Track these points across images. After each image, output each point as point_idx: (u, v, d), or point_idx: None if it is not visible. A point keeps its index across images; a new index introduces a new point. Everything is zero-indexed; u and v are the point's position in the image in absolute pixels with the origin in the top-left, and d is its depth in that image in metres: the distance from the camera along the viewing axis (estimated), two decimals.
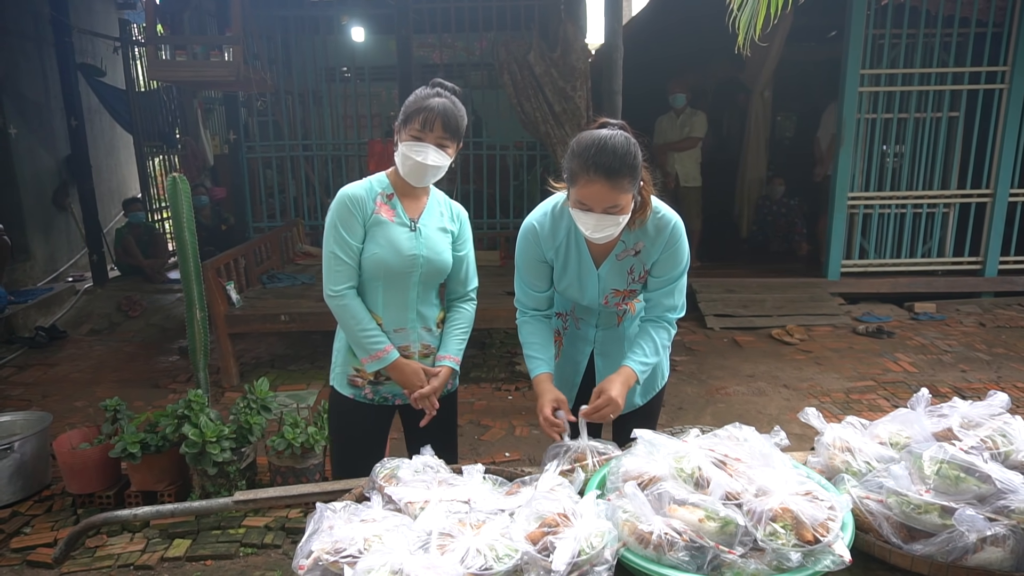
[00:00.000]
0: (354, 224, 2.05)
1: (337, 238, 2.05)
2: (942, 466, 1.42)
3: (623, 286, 2.04)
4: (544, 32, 6.37)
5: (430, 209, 2.18)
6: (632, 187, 1.81)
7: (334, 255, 2.05)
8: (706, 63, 8.46)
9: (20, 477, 3.47)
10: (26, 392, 4.99)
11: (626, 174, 1.77)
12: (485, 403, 4.62)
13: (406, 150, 2.02)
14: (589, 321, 2.19)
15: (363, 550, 1.35)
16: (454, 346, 2.25)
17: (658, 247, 1.98)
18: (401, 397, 2.25)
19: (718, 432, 1.61)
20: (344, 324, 2.11)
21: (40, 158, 7.59)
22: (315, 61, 7.19)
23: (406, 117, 2.03)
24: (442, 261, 2.16)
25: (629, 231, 1.96)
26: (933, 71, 6.24)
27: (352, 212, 2.05)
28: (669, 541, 1.32)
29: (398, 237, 2.09)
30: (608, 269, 2.02)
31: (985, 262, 6.54)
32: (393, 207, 2.11)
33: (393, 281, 2.10)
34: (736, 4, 2.52)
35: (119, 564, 3.00)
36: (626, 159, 1.77)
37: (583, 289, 2.07)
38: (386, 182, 2.14)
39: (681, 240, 2.00)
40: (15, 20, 7.25)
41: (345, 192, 2.08)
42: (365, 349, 2.08)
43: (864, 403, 4.46)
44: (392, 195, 2.12)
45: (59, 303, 6.80)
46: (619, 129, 1.82)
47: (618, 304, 2.10)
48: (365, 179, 2.14)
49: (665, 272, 2.03)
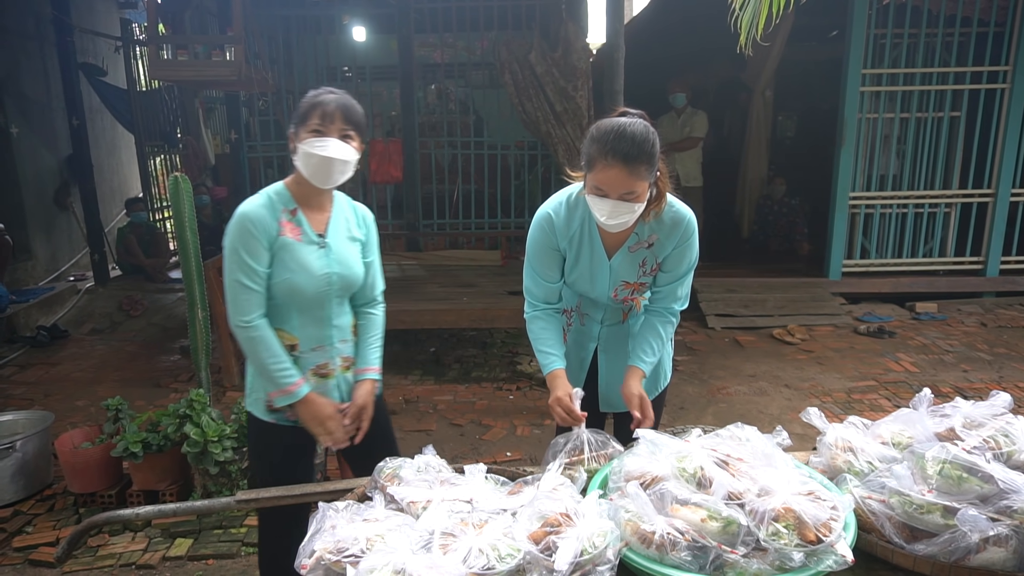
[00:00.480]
0: (258, 248, 1.90)
1: (241, 265, 1.89)
2: (944, 466, 1.42)
3: (634, 278, 2.05)
4: (545, 32, 6.37)
5: (336, 219, 2.06)
6: (649, 175, 1.82)
7: (239, 283, 1.90)
8: (707, 63, 8.46)
9: (22, 476, 3.47)
10: (28, 391, 4.99)
11: (643, 161, 1.79)
12: (486, 403, 4.62)
13: (307, 147, 1.90)
14: (595, 317, 2.19)
15: (366, 550, 1.35)
16: (373, 356, 2.15)
17: (672, 241, 2.00)
18: None
19: (720, 432, 1.61)
20: (254, 355, 1.95)
21: (42, 157, 7.59)
22: (316, 61, 7.19)
23: (301, 117, 1.92)
24: (355, 275, 2.07)
25: (643, 223, 1.97)
26: (935, 71, 6.24)
27: (255, 236, 1.89)
28: (671, 541, 1.32)
29: (307, 258, 1.97)
30: (620, 261, 2.03)
31: (987, 262, 6.53)
32: (298, 223, 1.97)
33: (307, 302, 2.00)
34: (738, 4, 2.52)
35: (121, 563, 3.01)
36: (644, 146, 1.79)
37: (594, 280, 2.06)
38: (287, 195, 1.98)
39: (694, 236, 2.02)
40: (17, 20, 7.26)
41: (245, 214, 1.90)
42: (275, 383, 1.95)
43: (865, 403, 4.46)
44: (295, 210, 1.98)
45: (61, 302, 6.80)
46: (639, 118, 1.85)
47: (626, 298, 2.10)
48: (263, 193, 1.97)
49: (675, 267, 2.04)
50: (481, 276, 6.00)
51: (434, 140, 7.44)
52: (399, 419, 4.32)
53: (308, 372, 2.04)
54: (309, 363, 2.05)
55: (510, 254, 6.94)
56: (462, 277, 5.99)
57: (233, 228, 1.90)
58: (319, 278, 1.99)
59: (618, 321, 2.19)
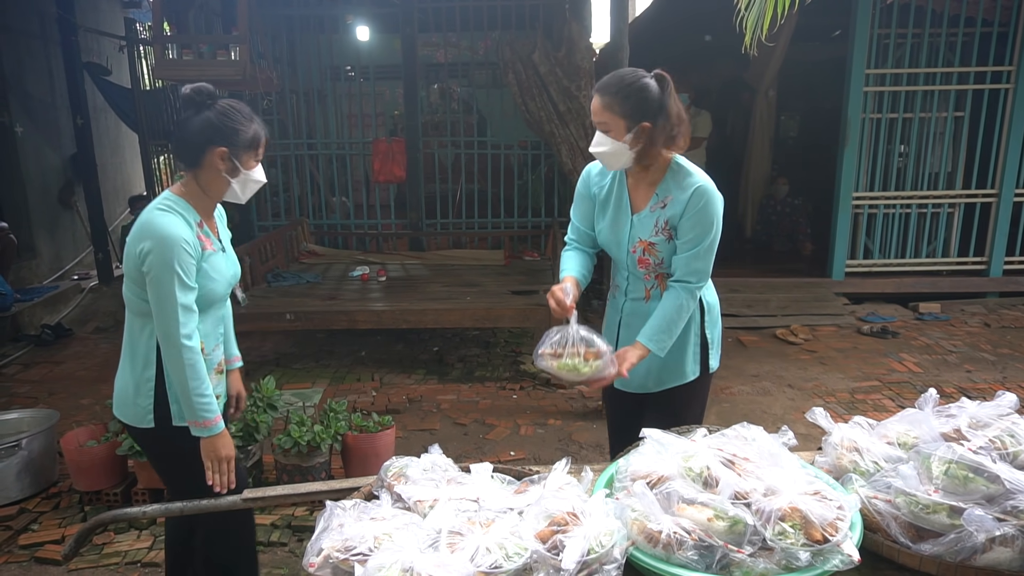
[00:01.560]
0: (193, 268, 1.93)
1: (183, 286, 1.88)
2: (950, 466, 1.43)
3: (647, 236, 2.13)
4: (548, 31, 6.37)
5: (220, 220, 2.16)
6: (623, 113, 1.99)
7: (184, 305, 1.89)
8: (710, 62, 8.45)
9: (28, 474, 3.48)
10: (32, 390, 5.01)
11: (616, 95, 2.00)
12: (490, 402, 4.63)
13: (256, 175, 2.03)
14: (621, 286, 2.30)
15: (373, 548, 1.36)
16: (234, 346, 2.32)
17: (681, 204, 2.06)
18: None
19: (726, 432, 1.61)
20: (184, 380, 1.92)
21: (46, 156, 7.61)
22: (320, 60, 7.20)
23: (247, 143, 1.96)
24: (237, 269, 2.19)
25: (663, 184, 2.10)
26: (938, 71, 6.23)
27: (191, 256, 1.91)
28: (678, 540, 1.32)
29: (219, 264, 2.05)
30: (642, 218, 2.15)
31: (990, 262, 6.53)
32: (207, 235, 2.03)
33: (215, 305, 2.08)
34: (744, 4, 2.52)
35: (126, 561, 3.02)
36: (622, 83, 2.01)
37: (616, 232, 2.20)
38: (191, 209, 1.99)
39: (707, 205, 2.04)
40: (21, 19, 7.27)
41: (178, 236, 1.88)
42: (196, 413, 1.94)
43: (869, 403, 4.46)
44: (202, 222, 2.02)
45: (65, 301, 6.82)
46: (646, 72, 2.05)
47: (641, 259, 2.15)
48: (170, 210, 1.94)
49: (686, 233, 2.07)
50: (484, 276, 6.00)
51: (437, 140, 7.45)
52: (403, 418, 4.33)
53: (212, 371, 2.08)
54: (213, 362, 2.11)
55: (513, 254, 6.95)
56: (465, 276, 6.00)
57: (167, 249, 1.86)
58: (228, 281, 2.10)
59: (640, 297, 2.23)
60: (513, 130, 7.26)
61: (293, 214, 7.36)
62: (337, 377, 5.06)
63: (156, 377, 2.01)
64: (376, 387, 4.88)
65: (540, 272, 6.04)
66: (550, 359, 1.92)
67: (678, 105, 2.06)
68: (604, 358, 1.92)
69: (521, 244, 7.34)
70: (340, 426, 3.42)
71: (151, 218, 1.92)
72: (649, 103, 2.00)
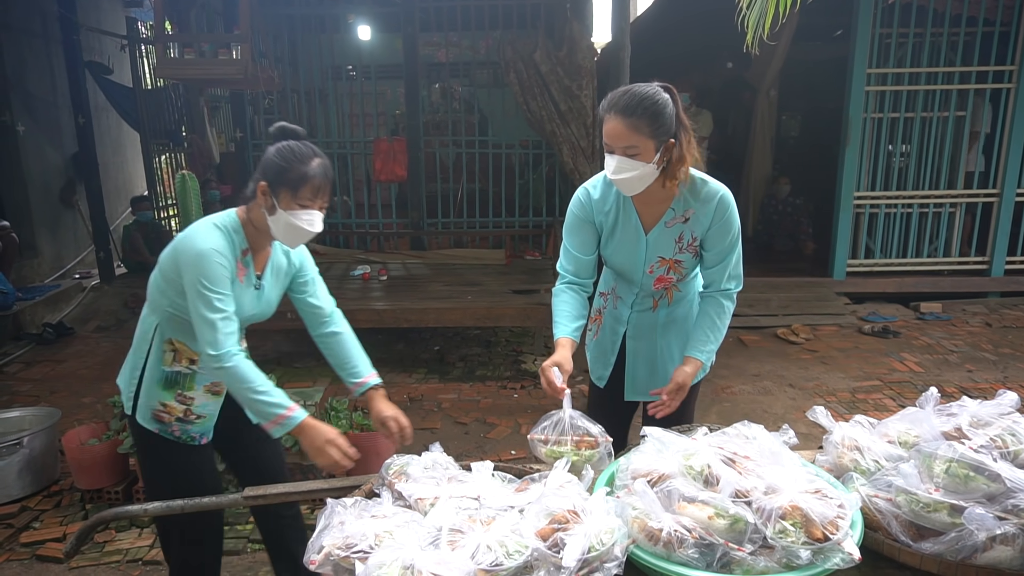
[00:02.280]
0: (228, 283, 1.88)
1: (221, 298, 1.84)
2: (951, 465, 1.42)
3: (670, 254, 2.08)
4: (550, 31, 6.38)
5: (274, 256, 2.08)
6: (652, 133, 1.87)
7: (224, 315, 1.83)
8: (711, 62, 8.45)
9: (29, 472, 3.49)
10: (34, 388, 5.01)
11: (643, 116, 1.86)
12: (491, 401, 4.63)
13: (294, 219, 1.88)
14: (626, 300, 2.23)
15: (374, 546, 1.36)
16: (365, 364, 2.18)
17: (707, 215, 2.02)
18: (208, 435, 2.12)
19: (727, 430, 1.62)
20: (236, 390, 1.88)
21: (47, 155, 7.62)
22: (321, 59, 7.20)
23: (290, 184, 1.86)
24: (270, 313, 2.10)
25: (678, 198, 2.02)
26: (940, 70, 6.23)
27: (226, 272, 1.87)
28: (679, 538, 1.33)
29: (242, 299, 1.97)
30: (657, 235, 2.07)
31: (991, 262, 6.52)
32: (246, 265, 1.98)
33: None
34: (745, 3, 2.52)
35: (127, 559, 3.03)
36: (645, 102, 1.86)
37: (630, 255, 2.10)
38: (242, 235, 1.95)
39: (730, 210, 2.03)
40: (23, 18, 7.28)
41: (216, 251, 1.85)
42: (261, 415, 1.87)
43: (870, 403, 4.46)
44: (247, 251, 1.97)
45: (66, 300, 6.82)
46: (658, 84, 1.92)
47: (661, 277, 2.11)
48: (222, 229, 1.91)
49: (717, 244, 2.05)
50: (485, 275, 6.01)
51: (438, 139, 7.44)
52: None
53: (201, 388, 2.05)
54: (205, 379, 2.05)
55: (514, 253, 6.95)
56: (466, 276, 6.00)
57: (205, 263, 1.83)
58: (244, 319, 2.00)
59: (648, 308, 2.20)
60: (514, 129, 7.26)
61: None
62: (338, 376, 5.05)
63: (142, 367, 2.00)
64: None
65: (541, 271, 6.04)
66: (540, 445, 1.81)
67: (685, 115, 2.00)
68: (600, 448, 1.78)
69: (522, 243, 7.34)
70: (341, 425, 3.42)
71: (197, 230, 1.90)
72: (671, 119, 1.91)
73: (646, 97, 1.87)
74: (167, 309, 1.95)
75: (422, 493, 1.56)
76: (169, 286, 1.91)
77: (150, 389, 2.01)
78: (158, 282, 1.95)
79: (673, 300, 2.20)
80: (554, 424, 1.82)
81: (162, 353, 1.99)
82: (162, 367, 2.00)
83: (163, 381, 2.00)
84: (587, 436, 1.80)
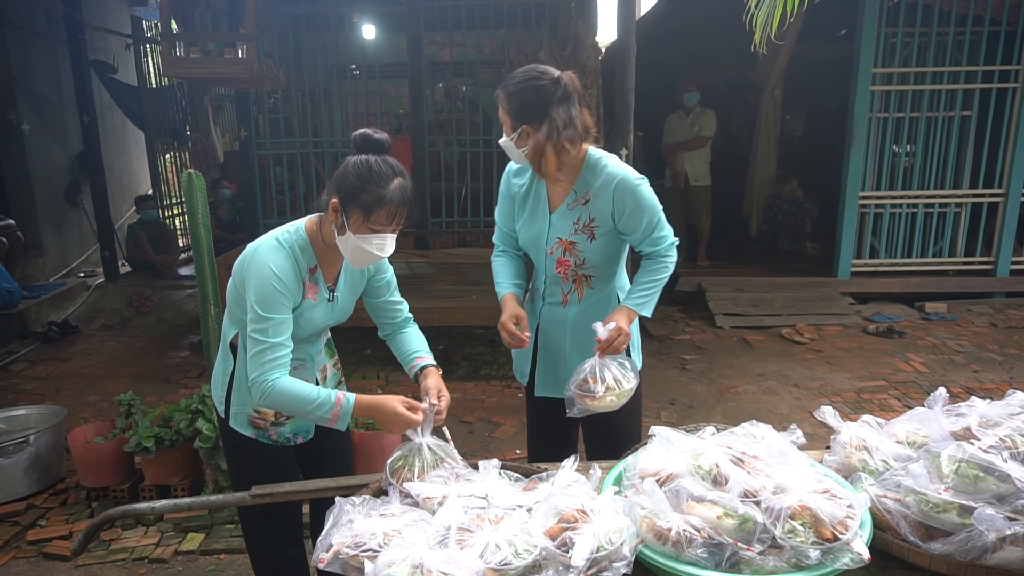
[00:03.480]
0: (288, 308, 1.82)
1: (275, 327, 1.78)
2: (961, 465, 1.42)
3: (566, 235, 2.08)
4: (554, 30, 6.36)
5: (346, 268, 2.01)
6: (508, 111, 1.97)
7: (274, 344, 1.77)
8: (715, 61, 8.44)
9: (36, 470, 3.50)
10: (39, 386, 5.03)
11: (505, 90, 1.97)
12: (495, 400, 4.63)
13: (364, 244, 1.80)
14: (539, 290, 2.23)
15: (383, 544, 1.36)
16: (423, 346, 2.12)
17: (606, 198, 2.02)
18: (304, 435, 2.10)
19: (735, 430, 1.61)
20: (286, 408, 1.88)
21: (52, 154, 7.63)
22: (325, 58, 7.20)
23: (364, 207, 1.76)
24: (346, 318, 2.06)
25: (580, 180, 2.06)
26: (946, 70, 6.21)
27: (284, 296, 1.80)
28: (688, 538, 1.33)
29: (315, 314, 1.93)
30: (559, 216, 2.10)
31: (997, 262, 6.50)
32: (316, 282, 1.92)
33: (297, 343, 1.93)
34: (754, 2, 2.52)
35: (134, 557, 3.03)
36: (509, 83, 1.97)
37: (534, 232, 2.14)
38: (310, 251, 1.89)
39: (637, 194, 2.01)
40: (29, 17, 7.30)
41: (276, 275, 1.78)
42: (321, 421, 1.83)
43: (875, 403, 4.45)
44: (315, 268, 1.91)
45: (71, 298, 6.84)
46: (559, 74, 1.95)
47: (560, 261, 2.11)
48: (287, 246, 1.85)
49: (635, 227, 2.05)
50: (489, 274, 5.98)
51: (442, 138, 7.45)
52: None
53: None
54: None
55: None
56: (471, 275, 6.00)
57: (261, 288, 1.77)
58: (319, 330, 2.00)
59: (558, 302, 2.18)
60: None
61: (298, 212, 7.36)
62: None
63: (230, 375, 1.99)
64: (382, 385, 4.89)
65: None
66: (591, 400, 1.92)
67: (571, 113, 1.95)
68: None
69: None
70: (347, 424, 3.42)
71: (261, 249, 1.82)
72: (536, 106, 1.92)
73: (525, 74, 1.95)
74: (242, 319, 1.88)
75: (430, 492, 1.56)
76: (242, 299, 1.86)
77: (241, 396, 1.98)
78: (233, 293, 1.91)
79: (584, 298, 2.15)
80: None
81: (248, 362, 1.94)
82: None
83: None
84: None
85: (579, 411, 1.95)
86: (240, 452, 2.07)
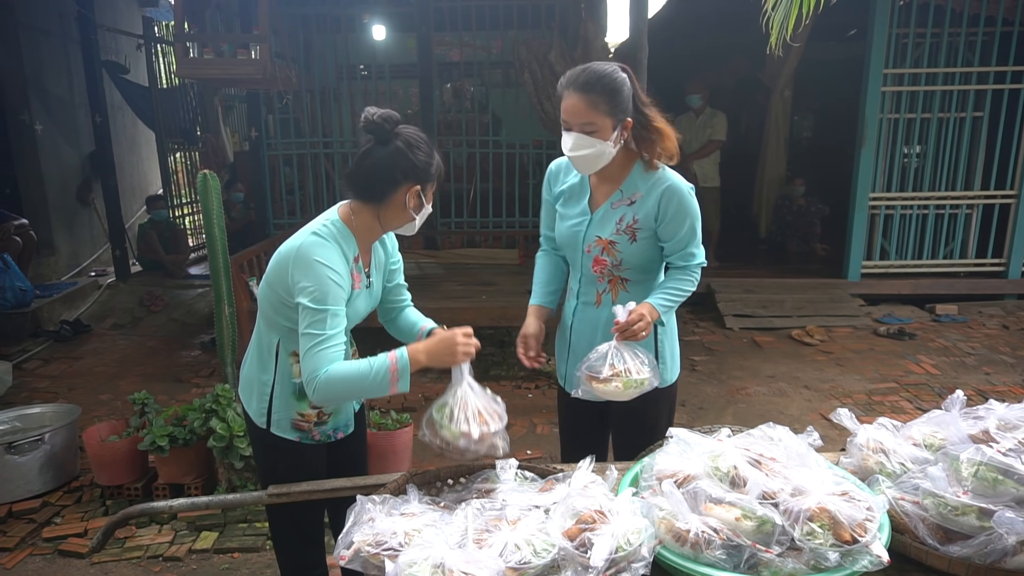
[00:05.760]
0: (341, 297, 1.79)
1: (332, 318, 1.74)
2: (980, 468, 1.42)
3: (607, 234, 2.06)
4: (564, 31, 6.37)
5: (376, 249, 2.01)
6: (609, 111, 1.91)
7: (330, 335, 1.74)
8: (725, 61, 8.42)
9: (50, 468, 3.53)
10: (52, 385, 5.06)
11: (601, 92, 1.90)
12: (505, 401, 4.57)
13: (426, 212, 1.91)
14: (574, 289, 2.22)
15: (403, 544, 1.37)
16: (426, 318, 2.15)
17: (653, 201, 2.01)
18: (344, 429, 2.09)
19: (752, 432, 1.61)
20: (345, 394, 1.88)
21: (64, 154, 7.68)
22: (336, 59, 7.23)
23: (433, 176, 1.85)
24: (376, 304, 2.08)
25: (629, 179, 2.05)
26: (957, 71, 6.18)
27: (340, 288, 1.78)
28: (706, 539, 1.33)
29: (359, 303, 1.94)
30: (602, 215, 2.08)
31: (1008, 264, 6.47)
32: (360, 271, 1.91)
33: None
34: (770, 4, 2.51)
35: (148, 555, 3.05)
36: (603, 79, 1.91)
37: (573, 230, 2.13)
38: (353, 242, 1.87)
39: (682, 200, 2.01)
40: (42, 17, 7.35)
41: (330, 268, 1.75)
42: (383, 389, 1.81)
43: (887, 405, 4.43)
44: (358, 257, 1.90)
45: (83, 297, 6.88)
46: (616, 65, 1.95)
47: (598, 260, 2.09)
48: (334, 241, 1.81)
49: (673, 234, 2.04)
50: (499, 275, 6.02)
51: (451, 139, 7.46)
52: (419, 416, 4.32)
53: None
54: None
55: (527, 253, 6.95)
56: (480, 275, 6.01)
57: (323, 283, 1.74)
58: (360, 319, 1.99)
59: (592, 302, 2.16)
60: (526, 129, 7.26)
61: (308, 212, 7.39)
62: None
63: (272, 383, 1.95)
64: None
65: None
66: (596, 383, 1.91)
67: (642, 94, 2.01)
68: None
69: (535, 243, 7.30)
70: None
71: (306, 249, 1.77)
72: (627, 98, 1.95)
73: (605, 75, 1.91)
74: (284, 324, 1.87)
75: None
76: (282, 303, 1.83)
77: (285, 402, 1.95)
78: (271, 299, 1.87)
79: (617, 300, 2.11)
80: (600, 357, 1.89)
81: (290, 367, 1.92)
82: (292, 380, 1.93)
83: (296, 392, 1.94)
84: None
85: (583, 392, 1.94)
86: (280, 456, 2.01)
